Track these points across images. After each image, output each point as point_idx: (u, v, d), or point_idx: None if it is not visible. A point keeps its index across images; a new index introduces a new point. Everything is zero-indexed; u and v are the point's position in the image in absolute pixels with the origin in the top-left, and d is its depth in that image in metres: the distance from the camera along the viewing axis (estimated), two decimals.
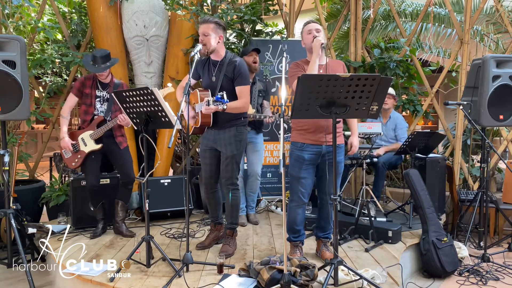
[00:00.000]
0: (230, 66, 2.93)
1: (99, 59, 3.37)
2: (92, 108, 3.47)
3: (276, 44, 4.78)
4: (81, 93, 3.47)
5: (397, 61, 4.86)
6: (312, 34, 2.80)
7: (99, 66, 3.37)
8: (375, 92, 2.34)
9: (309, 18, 7.85)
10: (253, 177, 3.94)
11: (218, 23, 2.91)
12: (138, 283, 2.54)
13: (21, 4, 4.69)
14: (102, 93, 3.49)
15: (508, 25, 4.77)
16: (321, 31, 2.82)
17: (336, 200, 2.46)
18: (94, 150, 3.43)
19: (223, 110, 2.77)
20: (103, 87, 3.51)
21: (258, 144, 3.93)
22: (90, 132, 3.42)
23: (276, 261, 2.54)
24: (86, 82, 3.48)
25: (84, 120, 3.48)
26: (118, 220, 3.58)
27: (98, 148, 3.43)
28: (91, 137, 3.41)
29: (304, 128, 2.80)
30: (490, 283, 3.06)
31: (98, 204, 3.56)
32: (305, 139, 2.79)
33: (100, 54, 3.38)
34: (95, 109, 3.48)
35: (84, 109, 3.48)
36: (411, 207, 3.85)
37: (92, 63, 3.38)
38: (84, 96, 3.47)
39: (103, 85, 3.51)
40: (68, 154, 3.48)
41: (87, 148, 3.43)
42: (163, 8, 4.41)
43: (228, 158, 2.97)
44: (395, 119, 4.46)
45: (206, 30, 2.87)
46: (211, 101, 2.72)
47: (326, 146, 2.76)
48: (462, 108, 3.48)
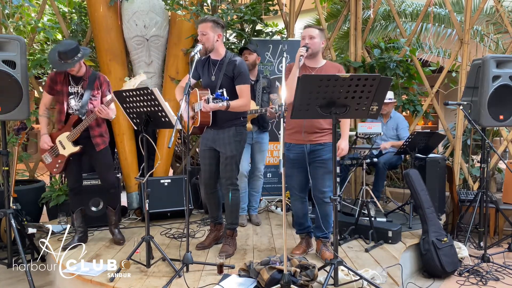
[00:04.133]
0: (230, 65, 2.93)
1: (65, 54, 2.96)
2: (65, 106, 3.15)
3: (276, 44, 4.78)
4: (52, 90, 3.17)
5: (397, 61, 4.86)
6: (304, 41, 2.82)
7: (66, 62, 2.98)
8: (375, 92, 2.34)
9: (309, 18, 7.89)
10: (256, 176, 3.96)
11: (216, 22, 2.91)
12: (138, 283, 2.54)
13: (21, 4, 4.69)
14: (75, 88, 3.16)
15: (508, 25, 4.77)
16: (315, 38, 2.81)
17: (336, 200, 2.47)
18: (73, 152, 3.16)
19: (226, 108, 2.78)
20: (76, 82, 3.16)
21: (264, 144, 3.95)
22: (67, 133, 3.14)
23: (276, 261, 2.54)
24: (56, 77, 3.15)
25: (59, 120, 3.18)
26: (110, 224, 3.44)
27: (77, 150, 3.15)
28: (68, 139, 3.14)
29: (289, 129, 2.90)
30: (490, 283, 3.06)
31: (76, 209, 3.32)
32: (291, 139, 2.91)
33: (65, 49, 2.97)
34: (69, 107, 3.16)
35: (58, 108, 3.17)
36: (411, 207, 3.85)
37: (59, 59, 2.99)
38: (56, 94, 3.17)
39: (76, 80, 3.16)
40: (48, 159, 3.22)
41: (66, 151, 3.16)
42: (163, 8, 4.40)
43: (228, 158, 2.97)
44: (396, 119, 4.46)
45: (204, 29, 2.87)
46: (211, 98, 2.72)
47: (310, 145, 2.85)
48: (462, 108, 3.47)
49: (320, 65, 2.90)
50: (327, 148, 2.84)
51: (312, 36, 2.81)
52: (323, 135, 2.85)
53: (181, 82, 3.17)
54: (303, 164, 2.88)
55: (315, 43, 2.82)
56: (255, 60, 3.83)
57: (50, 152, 3.22)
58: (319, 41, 2.83)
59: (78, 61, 3.03)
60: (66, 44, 3.04)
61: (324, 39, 2.92)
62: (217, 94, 2.70)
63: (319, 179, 2.85)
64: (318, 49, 2.85)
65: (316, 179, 2.86)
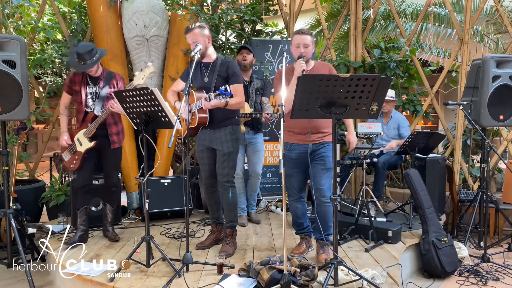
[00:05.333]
0: (223, 67, 2.98)
1: (84, 56, 3.12)
2: (83, 106, 3.28)
3: (276, 44, 4.78)
4: (71, 90, 3.29)
5: (397, 61, 4.86)
6: (299, 49, 2.79)
7: (86, 63, 3.14)
8: (375, 92, 2.34)
9: (309, 18, 7.90)
10: (254, 177, 3.95)
11: (201, 26, 2.93)
12: (138, 283, 2.54)
13: (21, 4, 4.69)
14: (93, 89, 3.28)
15: (508, 25, 4.77)
16: (309, 46, 2.80)
17: (336, 200, 2.47)
18: (89, 148, 3.24)
19: (225, 104, 2.79)
20: (94, 82, 3.29)
21: (258, 144, 3.92)
22: (84, 130, 3.26)
23: (276, 261, 2.55)
24: (75, 78, 3.28)
25: (78, 119, 3.32)
26: (105, 222, 3.49)
27: (93, 146, 3.23)
28: (85, 135, 3.24)
29: (291, 130, 2.90)
30: (490, 283, 3.06)
31: (81, 206, 3.36)
32: (293, 140, 2.91)
33: (84, 50, 3.12)
34: (87, 107, 3.29)
35: (77, 108, 3.31)
36: (411, 207, 3.85)
37: (78, 60, 3.14)
38: (75, 94, 3.29)
39: (93, 80, 3.29)
40: (67, 156, 3.33)
41: (82, 147, 3.26)
42: (163, 8, 4.41)
43: (225, 156, 3.00)
44: (397, 119, 4.46)
45: (195, 38, 2.89)
46: (212, 95, 2.73)
47: (312, 144, 2.85)
48: (462, 108, 3.48)
49: (310, 67, 2.90)
50: (328, 146, 2.87)
51: (306, 44, 2.79)
52: (325, 135, 2.87)
53: (173, 86, 3.19)
54: (304, 164, 2.89)
55: (309, 51, 2.82)
56: (252, 61, 3.85)
57: (69, 150, 3.33)
58: (312, 48, 2.85)
59: (96, 62, 3.18)
60: (84, 46, 3.17)
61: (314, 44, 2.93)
62: (221, 90, 2.70)
63: (317, 176, 2.85)
64: (310, 56, 2.88)
65: (315, 177, 2.86)
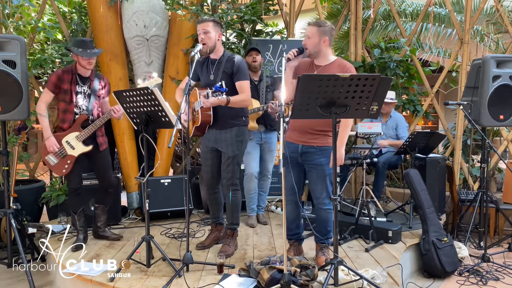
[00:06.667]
0: (228, 63, 2.93)
1: (88, 44, 3.09)
2: (72, 106, 3.14)
3: (276, 44, 4.78)
4: (58, 89, 3.13)
5: (397, 61, 4.86)
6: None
7: (92, 51, 3.10)
8: (375, 92, 2.34)
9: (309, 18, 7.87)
10: (265, 175, 3.97)
11: (216, 21, 2.91)
12: (138, 283, 2.54)
13: (21, 4, 4.69)
14: (82, 88, 3.18)
15: (508, 25, 4.77)
16: (310, 37, 2.70)
17: (336, 200, 2.46)
18: (84, 152, 3.15)
19: (226, 103, 2.77)
20: (84, 82, 3.19)
21: (273, 144, 3.94)
22: (76, 133, 3.12)
23: (276, 261, 2.54)
24: (64, 76, 3.12)
25: (64, 120, 3.16)
26: (99, 224, 3.42)
27: (89, 150, 3.15)
28: (78, 138, 3.12)
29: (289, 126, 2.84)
30: (490, 283, 3.06)
31: (78, 209, 3.30)
32: (288, 137, 2.84)
33: (87, 39, 3.18)
34: (77, 107, 3.16)
35: (64, 107, 3.15)
36: (411, 207, 3.85)
37: (82, 49, 3.07)
38: (63, 93, 3.13)
39: (83, 80, 3.19)
40: (53, 161, 3.13)
41: (75, 151, 3.13)
42: (163, 8, 4.40)
43: (230, 159, 2.97)
44: (396, 119, 4.46)
45: (206, 28, 2.86)
46: (210, 93, 2.71)
47: (302, 145, 2.75)
48: (462, 108, 3.48)
49: (327, 63, 2.75)
50: (319, 152, 2.71)
51: (308, 36, 2.72)
52: (316, 138, 2.72)
53: (181, 84, 3.17)
54: (297, 164, 2.79)
55: (311, 43, 2.70)
56: (261, 61, 3.89)
57: (56, 154, 3.14)
58: (317, 40, 2.68)
59: (99, 53, 3.21)
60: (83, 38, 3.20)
61: (326, 36, 2.69)
62: (216, 87, 2.66)
63: (313, 184, 2.79)
64: (316, 48, 2.70)
65: (310, 183, 2.82)
